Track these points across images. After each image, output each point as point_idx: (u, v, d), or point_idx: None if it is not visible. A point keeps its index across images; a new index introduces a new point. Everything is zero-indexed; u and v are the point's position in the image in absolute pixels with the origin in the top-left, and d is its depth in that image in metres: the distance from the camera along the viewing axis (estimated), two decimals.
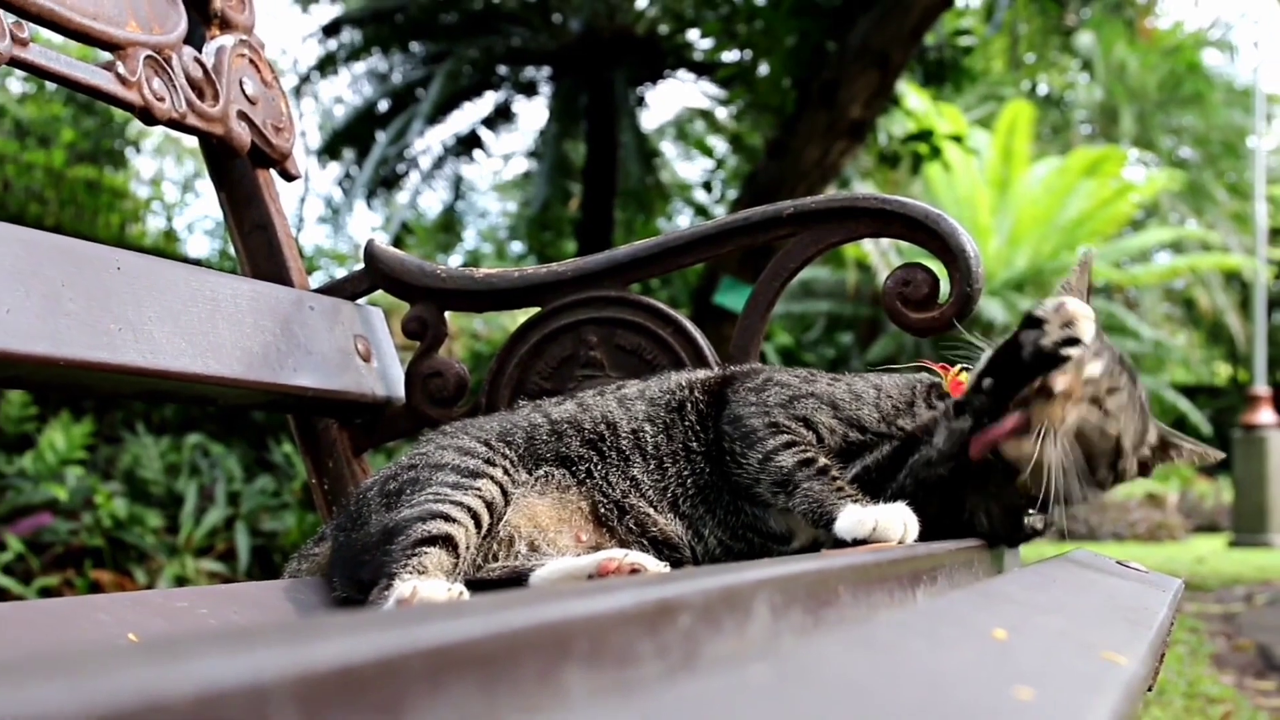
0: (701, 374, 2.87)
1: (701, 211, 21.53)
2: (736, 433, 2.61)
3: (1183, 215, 35.09)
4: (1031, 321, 2.46)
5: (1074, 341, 2.42)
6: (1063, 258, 26.96)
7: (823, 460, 2.50)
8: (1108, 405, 2.47)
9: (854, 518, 2.33)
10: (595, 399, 2.82)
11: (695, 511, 2.64)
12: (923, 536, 2.34)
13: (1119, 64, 37.16)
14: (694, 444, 2.68)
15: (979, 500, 2.52)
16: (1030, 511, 2.55)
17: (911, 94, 18.20)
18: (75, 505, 9.18)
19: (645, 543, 2.59)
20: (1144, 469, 2.63)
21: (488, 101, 19.60)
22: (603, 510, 2.62)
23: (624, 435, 2.69)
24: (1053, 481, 2.40)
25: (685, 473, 2.66)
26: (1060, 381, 2.40)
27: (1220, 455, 2.71)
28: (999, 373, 2.46)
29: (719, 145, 21.48)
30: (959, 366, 2.76)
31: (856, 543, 2.30)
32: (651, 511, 2.62)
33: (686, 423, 2.70)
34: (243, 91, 3.36)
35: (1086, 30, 29.72)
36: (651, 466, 2.65)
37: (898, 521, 2.31)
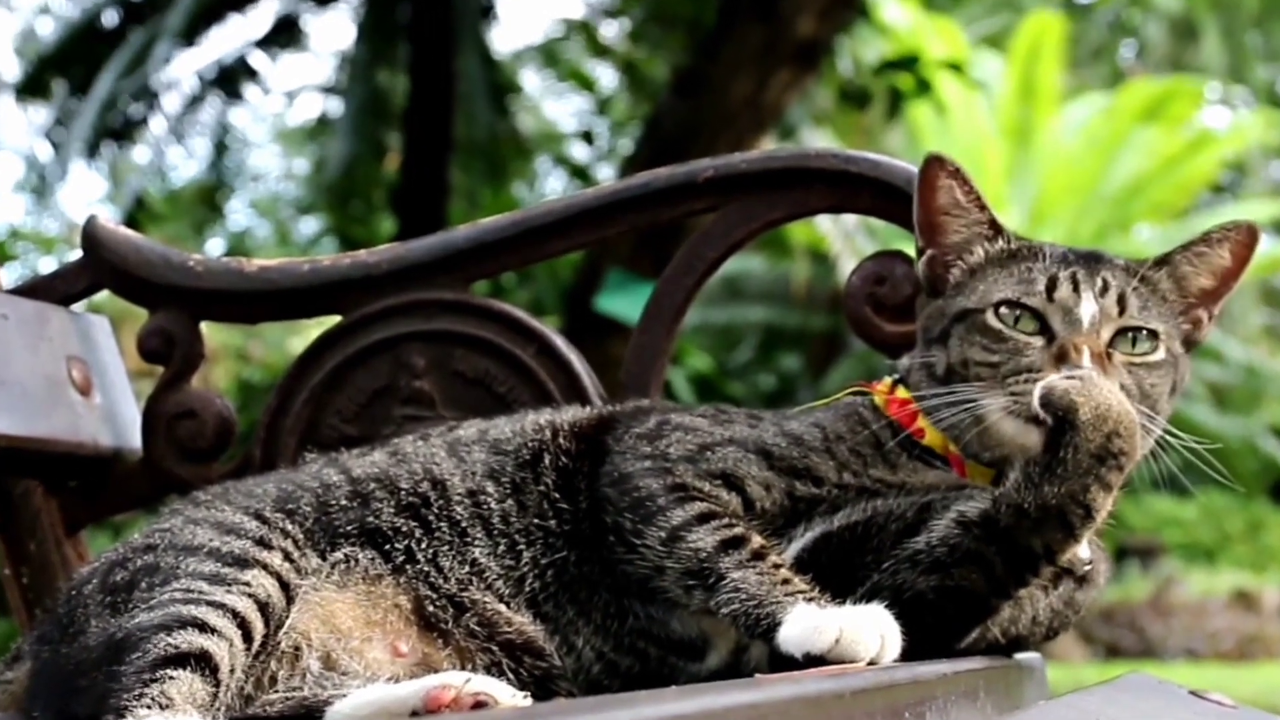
0: (570, 414, 2.87)
1: (580, 174, 21.52)
2: (625, 500, 2.60)
3: None
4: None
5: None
6: (1110, 240, 26.90)
7: (756, 540, 2.49)
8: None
9: (808, 623, 2.32)
10: (416, 446, 2.81)
11: (561, 614, 2.63)
12: (910, 653, 2.34)
13: None
14: (551, 519, 2.67)
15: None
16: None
17: (889, 1, 18.33)
18: None
19: (495, 649, 2.58)
20: None
21: (264, 12, 19.50)
22: (430, 608, 2.61)
23: (457, 497, 2.68)
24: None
25: (542, 559, 2.65)
26: None
27: None
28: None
29: (605, 76, 21.52)
30: (891, 378, 2.80)
31: (809, 661, 2.29)
32: (503, 608, 2.61)
33: (543, 485, 2.69)
34: None
35: None
36: (501, 547, 2.65)
37: (871, 631, 2.30)
